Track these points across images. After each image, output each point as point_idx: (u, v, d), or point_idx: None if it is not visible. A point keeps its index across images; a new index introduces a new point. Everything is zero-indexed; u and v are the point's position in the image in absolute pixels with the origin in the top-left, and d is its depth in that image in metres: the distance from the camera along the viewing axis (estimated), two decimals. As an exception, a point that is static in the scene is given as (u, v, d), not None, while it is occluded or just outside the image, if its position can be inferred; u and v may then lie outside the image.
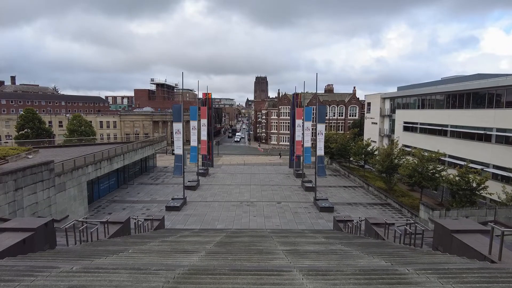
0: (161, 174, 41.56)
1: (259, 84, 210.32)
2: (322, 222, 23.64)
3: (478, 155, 27.46)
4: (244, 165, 50.83)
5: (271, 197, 30.68)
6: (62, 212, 21.15)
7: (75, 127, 53.02)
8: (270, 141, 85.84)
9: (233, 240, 12.78)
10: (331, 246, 10.70)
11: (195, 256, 8.33)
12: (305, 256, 8.55)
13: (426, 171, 26.05)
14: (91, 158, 26.10)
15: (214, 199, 29.96)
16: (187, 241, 12.44)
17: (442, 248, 9.01)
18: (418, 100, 40.19)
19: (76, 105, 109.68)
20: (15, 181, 16.92)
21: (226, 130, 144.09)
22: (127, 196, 30.69)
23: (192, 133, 34.88)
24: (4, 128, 69.69)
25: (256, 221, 23.78)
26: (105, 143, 46.88)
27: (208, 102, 39.39)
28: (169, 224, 22.40)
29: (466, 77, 37.16)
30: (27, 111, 52.54)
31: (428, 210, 22.07)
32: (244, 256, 8.62)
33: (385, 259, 8.13)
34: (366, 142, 41.21)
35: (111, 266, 6.45)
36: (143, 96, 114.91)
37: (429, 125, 36.13)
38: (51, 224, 9.36)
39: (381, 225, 14.51)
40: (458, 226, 8.83)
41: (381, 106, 49.60)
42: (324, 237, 14.29)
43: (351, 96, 79.79)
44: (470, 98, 30.13)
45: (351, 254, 8.92)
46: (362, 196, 31.67)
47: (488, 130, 26.84)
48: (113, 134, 78.24)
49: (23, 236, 8.14)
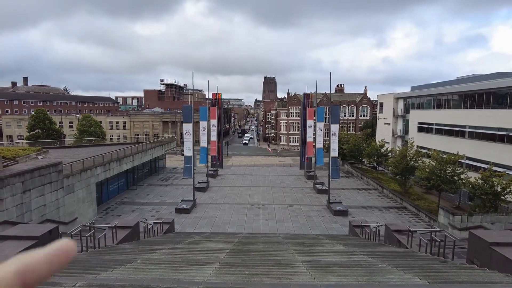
0: (170, 175, 41.16)
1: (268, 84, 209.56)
2: (336, 227, 22.80)
3: (500, 157, 26.26)
4: (254, 166, 50.17)
5: (283, 200, 29.93)
6: (70, 214, 20.78)
7: (85, 127, 53.09)
8: (279, 141, 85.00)
9: (247, 248, 12.12)
10: (353, 257, 9.94)
11: (208, 268, 7.68)
12: (329, 269, 7.82)
13: (444, 174, 24.99)
14: (100, 159, 25.74)
15: (225, 201, 29.35)
16: (198, 249, 11.82)
17: (479, 262, 8.18)
18: (433, 100, 38.97)
19: (86, 106, 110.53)
20: (23, 183, 16.55)
21: (235, 131, 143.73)
22: (137, 198, 30.29)
23: (202, 133, 34.38)
24: (16, 128, 70.38)
25: (268, 225, 23.07)
26: (114, 144, 46.76)
27: (218, 103, 38.85)
28: (179, 228, 21.85)
29: (484, 76, 35.83)
30: (38, 112, 52.79)
31: (448, 215, 21.06)
32: (262, 268, 7.94)
33: (418, 274, 7.36)
34: (380, 143, 40.11)
35: (117, 283, 5.83)
36: (152, 97, 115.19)
37: (445, 125, 34.93)
38: (56, 231, 8.82)
39: (403, 232, 13.67)
40: (498, 238, 7.99)
41: (394, 106, 48.40)
42: (342, 245, 13.52)
43: (362, 96, 78.44)
44: (490, 97, 28.92)
45: (378, 268, 8.16)
46: (376, 199, 30.69)
47: (510, 131, 25.64)
48: (122, 135, 78.40)
49: (25, 245, 7.60)
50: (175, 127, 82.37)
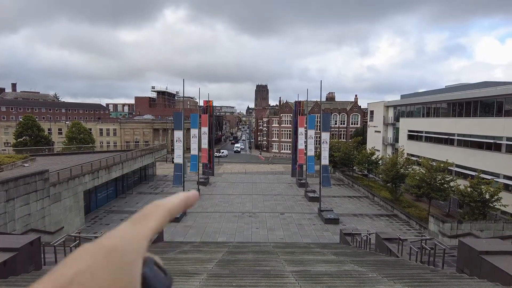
0: (160, 183, 40.67)
1: (260, 92, 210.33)
2: (327, 235, 22.69)
3: (488, 165, 26.61)
4: (245, 173, 49.93)
5: (274, 208, 29.74)
6: (56, 223, 20.27)
7: (74, 134, 52.28)
8: (271, 149, 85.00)
9: (236, 258, 11.91)
10: (344, 266, 9.82)
11: (195, 280, 7.48)
12: (318, 280, 7.69)
13: (434, 182, 25.18)
14: (88, 166, 25.28)
15: (215, 209, 29.03)
16: (187, 259, 11.57)
17: (469, 271, 8.14)
18: (422, 108, 39.51)
19: (76, 113, 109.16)
20: (6, 192, 16.08)
21: (227, 138, 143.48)
22: (126, 206, 29.77)
23: (193, 141, 34.11)
24: (3, 135, 68.99)
25: (259, 234, 22.84)
26: (104, 151, 46.08)
27: (209, 110, 38.73)
28: (168, 237, 21.47)
29: (472, 85, 36.49)
30: (26, 118, 51.87)
31: (438, 223, 21.16)
32: (250, 280, 7.77)
33: (408, 284, 7.28)
34: (371, 150, 40.34)
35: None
36: (143, 104, 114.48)
37: (434, 133, 35.36)
38: (37, 242, 8.53)
39: (393, 240, 13.63)
40: (487, 246, 7.98)
41: (384, 114, 48.92)
42: (332, 254, 13.41)
43: (353, 104, 79.16)
44: (477, 106, 29.41)
45: (368, 278, 8.06)
46: (367, 207, 30.72)
47: (497, 139, 26.05)
48: (113, 142, 77.46)
49: (4, 258, 7.31)
50: (166, 134, 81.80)
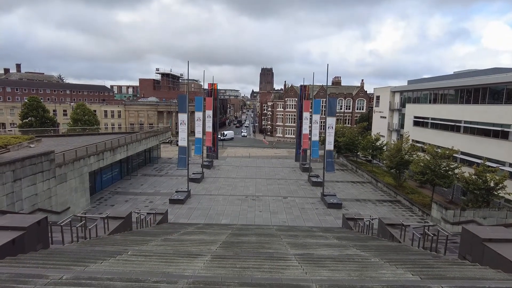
0: (165, 166, 40.96)
1: (265, 76, 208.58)
2: (330, 219, 22.87)
3: (494, 153, 26.38)
4: (249, 157, 50.09)
5: (277, 192, 29.93)
6: (62, 204, 20.59)
7: (79, 116, 52.48)
8: (275, 133, 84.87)
9: (240, 240, 12.06)
10: (346, 250, 9.91)
11: (199, 261, 7.57)
12: (321, 263, 7.76)
13: (438, 169, 25.06)
14: (93, 148, 25.44)
15: (219, 192, 29.28)
16: (191, 240, 11.73)
17: (471, 258, 8.18)
18: (429, 94, 38.94)
19: (81, 94, 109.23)
20: (14, 172, 16.28)
21: (231, 122, 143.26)
22: (130, 188, 30.11)
23: (197, 124, 34.08)
24: (9, 116, 69.43)
25: (262, 217, 23.08)
26: (109, 133, 46.24)
27: (214, 93, 38.51)
28: (172, 218, 21.78)
29: (481, 71, 35.75)
30: (31, 99, 52.00)
31: (441, 209, 21.19)
32: (253, 262, 7.86)
33: (411, 270, 7.32)
34: (375, 136, 40.10)
35: (105, 276, 5.69)
36: (148, 86, 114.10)
37: (441, 120, 34.98)
38: (44, 222, 8.65)
39: (396, 226, 13.68)
40: (490, 234, 7.97)
41: (390, 100, 48.37)
42: (335, 238, 13.53)
43: (359, 89, 78.28)
44: (486, 93, 28.90)
45: (370, 263, 8.12)
46: (371, 192, 30.80)
47: (505, 127, 25.70)
48: (117, 124, 77.75)
49: (12, 236, 7.43)
50: (170, 117, 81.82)
